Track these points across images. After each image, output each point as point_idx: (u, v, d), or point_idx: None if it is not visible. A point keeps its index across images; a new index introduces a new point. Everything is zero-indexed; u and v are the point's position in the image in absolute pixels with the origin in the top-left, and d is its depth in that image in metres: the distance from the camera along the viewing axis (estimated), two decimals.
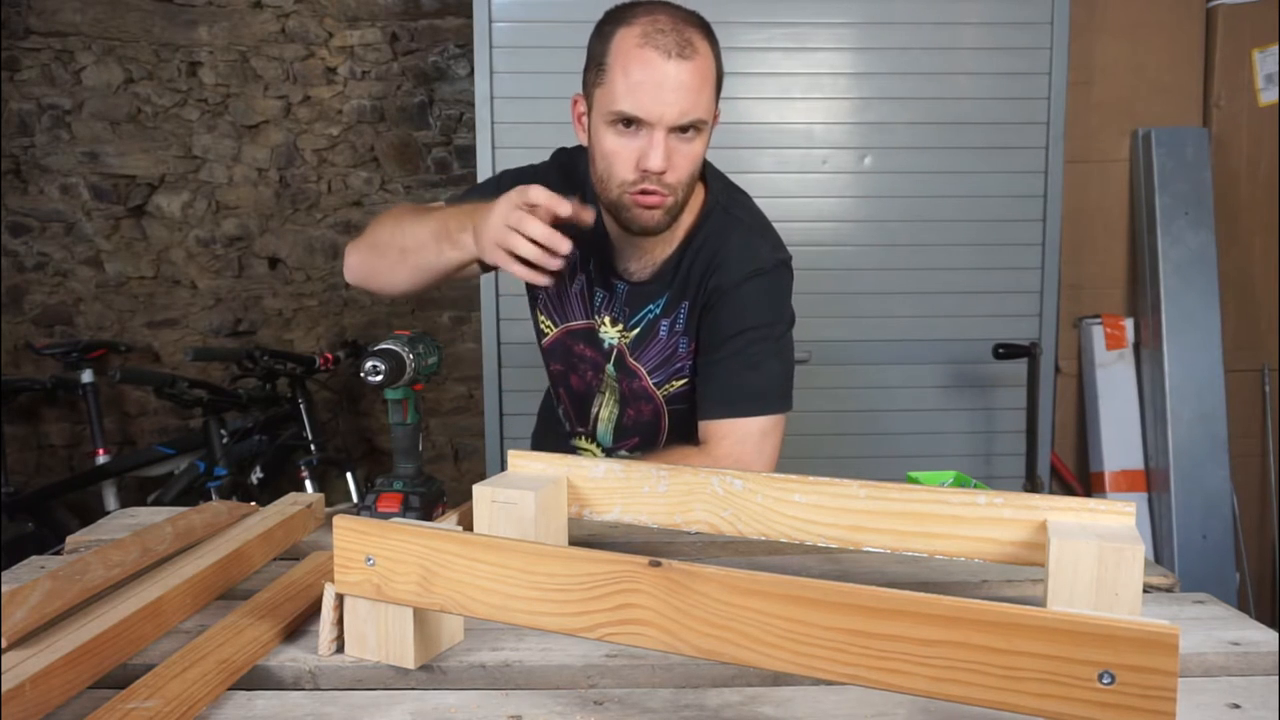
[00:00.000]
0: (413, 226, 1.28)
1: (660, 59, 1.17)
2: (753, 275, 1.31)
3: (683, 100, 1.18)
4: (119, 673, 0.79)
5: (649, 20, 1.19)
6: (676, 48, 1.17)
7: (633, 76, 1.17)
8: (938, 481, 1.15)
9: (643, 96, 1.17)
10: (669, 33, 1.18)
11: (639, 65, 1.17)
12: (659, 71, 1.17)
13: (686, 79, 1.17)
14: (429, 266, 1.26)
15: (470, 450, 3.30)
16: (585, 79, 1.27)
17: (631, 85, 1.17)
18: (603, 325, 1.40)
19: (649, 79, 1.17)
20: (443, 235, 1.23)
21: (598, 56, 1.23)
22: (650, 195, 1.22)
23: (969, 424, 2.59)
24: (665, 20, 1.19)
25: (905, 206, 2.51)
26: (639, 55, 1.17)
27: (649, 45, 1.17)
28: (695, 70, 1.18)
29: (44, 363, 3.11)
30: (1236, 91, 2.85)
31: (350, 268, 1.39)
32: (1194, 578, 2.69)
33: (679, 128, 1.19)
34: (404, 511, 1.14)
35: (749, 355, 1.30)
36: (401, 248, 1.27)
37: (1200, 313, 2.78)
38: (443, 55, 3.12)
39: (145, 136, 3.10)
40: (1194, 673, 0.82)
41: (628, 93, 1.18)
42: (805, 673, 0.64)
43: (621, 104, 1.18)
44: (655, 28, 1.18)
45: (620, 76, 1.18)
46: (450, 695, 0.77)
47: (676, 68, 1.17)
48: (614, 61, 1.19)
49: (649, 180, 1.21)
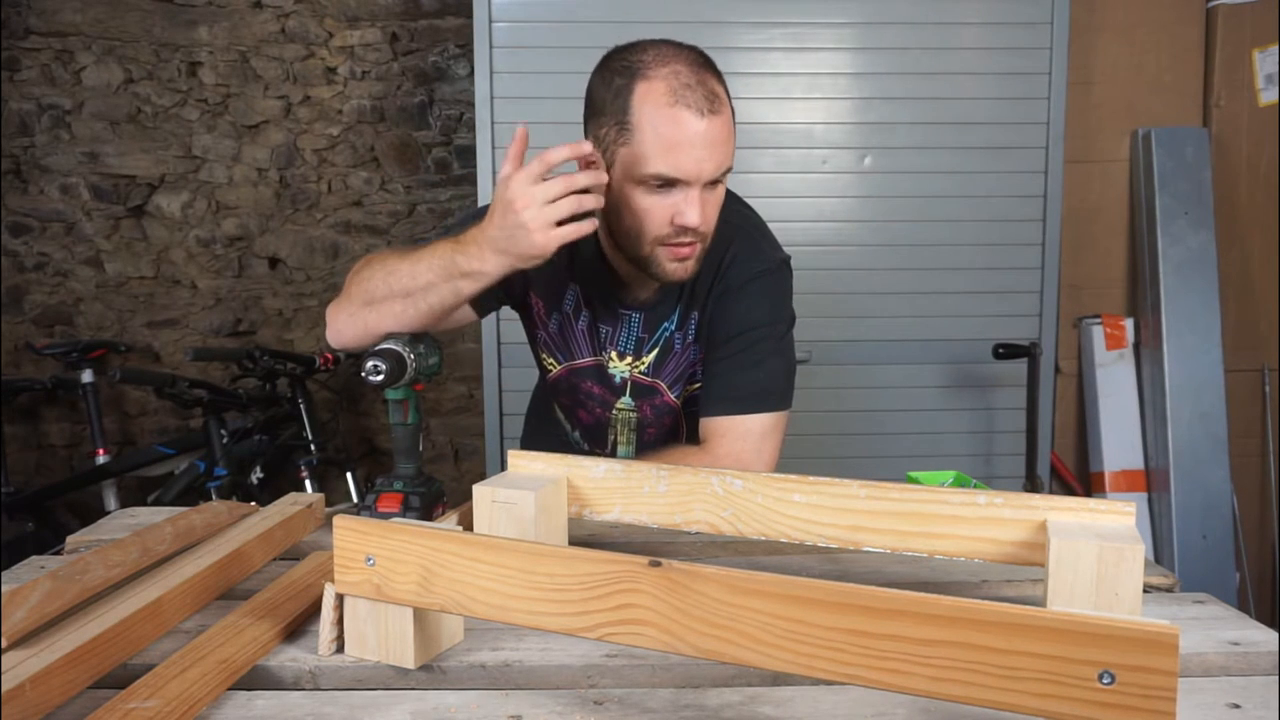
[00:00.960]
0: (409, 269, 1.19)
1: (694, 118, 1.12)
2: (758, 275, 1.31)
3: (717, 156, 1.15)
4: (119, 673, 0.79)
5: (670, 74, 1.14)
6: (707, 104, 1.13)
7: (666, 138, 1.13)
8: (938, 481, 1.15)
9: (680, 158, 1.13)
10: (695, 87, 1.13)
11: (671, 126, 1.12)
12: (693, 131, 1.12)
13: (718, 133, 1.14)
14: (440, 306, 1.19)
15: (470, 450, 3.30)
16: (597, 131, 1.19)
17: (667, 147, 1.13)
18: (611, 360, 1.38)
19: (684, 139, 1.13)
20: (451, 272, 1.16)
21: (616, 112, 1.16)
22: (684, 247, 1.20)
23: (969, 424, 2.59)
24: (687, 73, 1.14)
25: (905, 206, 2.51)
26: (670, 115, 1.13)
27: (680, 104, 1.12)
28: (724, 124, 1.15)
29: (44, 363, 3.11)
30: (1236, 91, 2.85)
31: (339, 331, 1.27)
32: (1194, 578, 2.69)
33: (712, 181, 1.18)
34: (404, 511, 1.14)
35: (751, 354, 1.30)
36: (405, 293, 1.19)
37: (1200, 313, 2.78)
38: (443, 55, 3.12)
39: (145, 136, 3.10)
40: (1194, 673, 0.82)
41: (663, 155, 1.13)
42: (805, 673, 0.64)
43: (657, 167, 1.14)
44: (680, 83, 1.13)
45: (652, 138, 1.14)
46: (450, 695, 0.77)
47: (709, 126, 1.13)
48: (641, 121, 1.14)
49: (685, 234, 1.18)
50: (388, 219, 3.19)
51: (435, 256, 1.18)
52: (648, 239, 1.20)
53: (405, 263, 1.20)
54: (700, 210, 1.17)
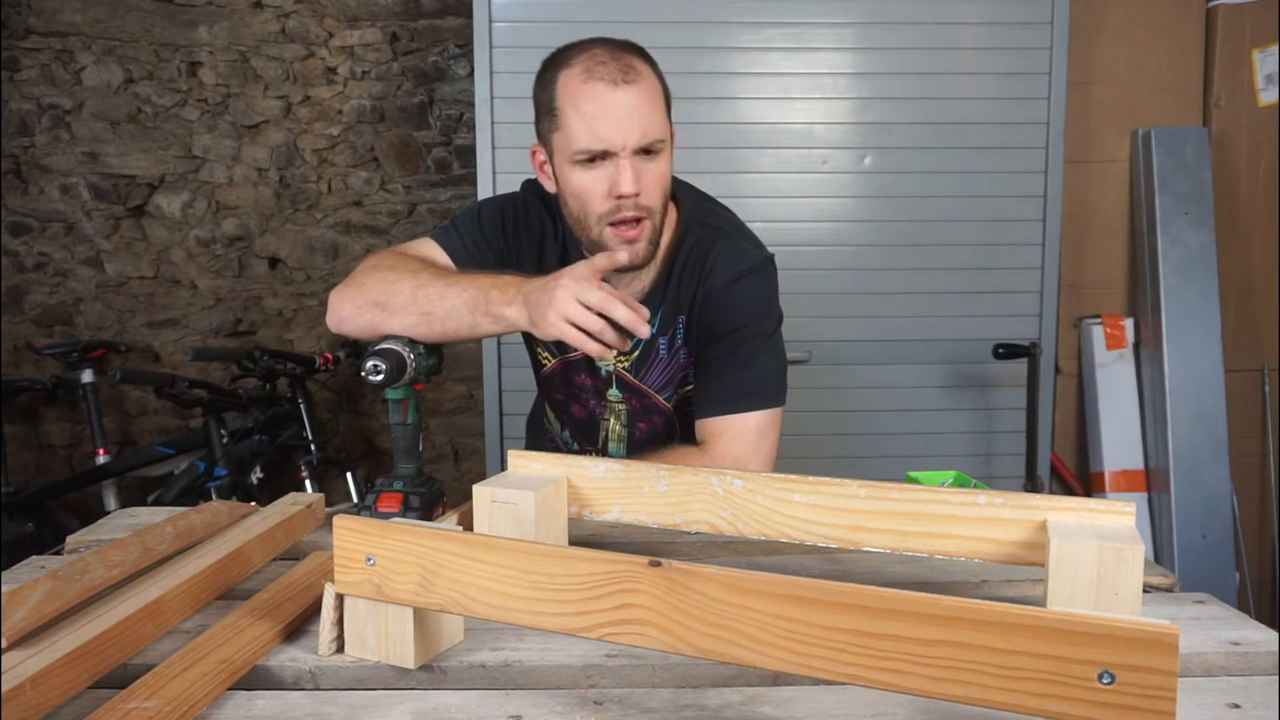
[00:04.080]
0: (440, 291, 1.20)
1: (607, 89, 1.18)
2: (743, 274, 1.32)
3: (640, 122, 1.19)
4: (119, 673, 0.79)
5: (587, 57, 1.21)
6: (620, 74, 1.19)
7: (585, 112, 1.19)
8: (938, 481, 1.15)
9: (600, 127, 1.18)
10: (609, 63, 1.20)
11: (588, 99, 1.19)
12: (609, 101, 1.18)
13: (636, 101, 1.19)
14: (455, 333, 1.20)
15: (470, 450, 3.30)
16: (539, 129, 1.27)
17: (587, 120, 1.19)
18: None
19: (601, 110, 1.18)
20: (478, 307, 1.17)
21: (546, 103, 1.24)
22: (629, 226, 1.22)
23: (969, 424, 2.59)
24: (603, 53, 1.21)
25: (905, 206, 2.51)
26: (586, 90, 1.19)
27: (593, 78, 1.19)
28: (642, 92, 1.20)
29: (44, 363, 3.11)
30: (1236, 91, 2.85)
31: (341, 321, 1.27)
32: (1194, 578, 2.69)
33: (642, 150, 1.20)
34: (404, 511, 1.14)
35: (742, 353, 1.31)
36: (426, 312, 1.19)
37: (1200, 313, 2.78)
38: (443, 55, 3.12)
39: (145, 136, 3.10)
40: (1194, 673, 0.82)
41: (586, 129, 1.19)
42: (805, 673, 0.64)
43: (582, 141, 1.19)
44: (595, 61, 1.20)
45: (574, 115, 1.20)
46: (450, 695, 0.77)
47: (625, 93, 1.18)
48: (563, 103, 1.21)
49: (625, 207, 1.21)
50: (388, 219, 3.19)
51: (472, 287, 1.19)
52: (593, 218, 1.23)
53: (438, 283, 1.21)
54: (634, 178, 1.20)
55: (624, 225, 1.22)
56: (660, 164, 1.24)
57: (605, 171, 1.20)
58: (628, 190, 1.20)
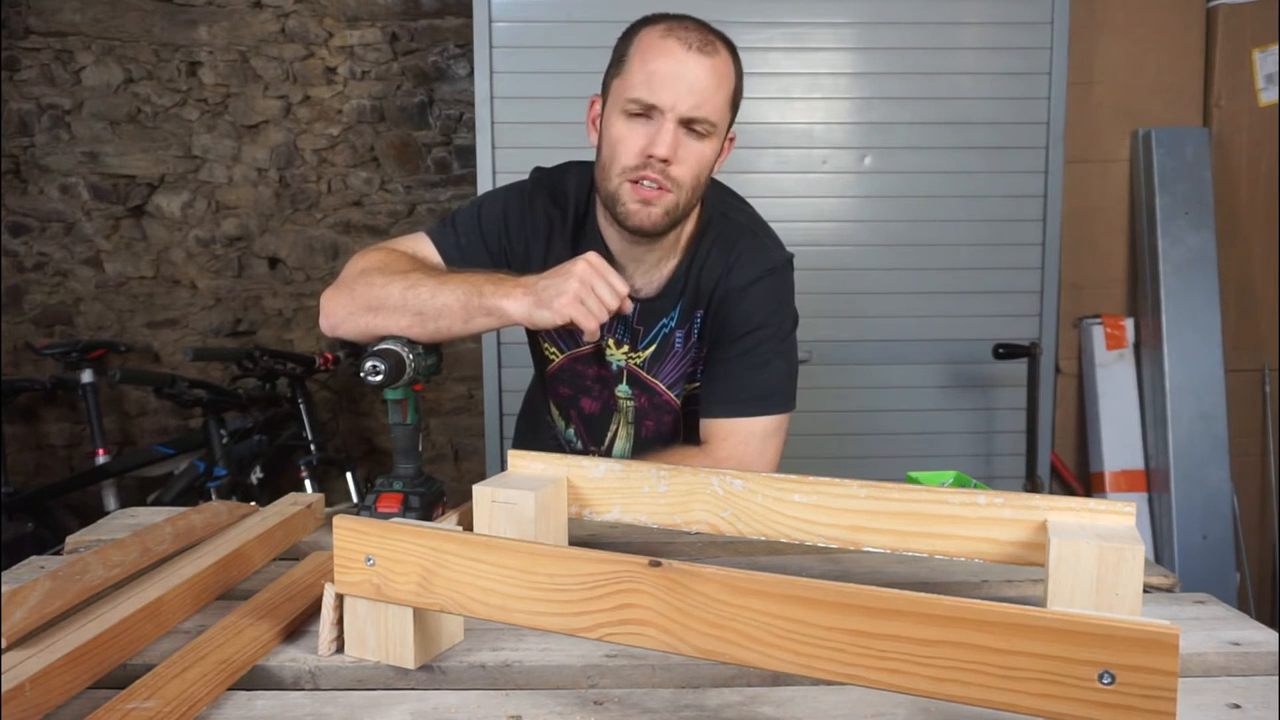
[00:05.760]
0: (432, 290, 1.19)
1: (681, 49, 1.18)
2: (764, 275, 1.30)
3: (697, 93, 1.18)
4: (119, 673, 0.79)
5: (676, 22, 1.22)
6: (699, 43, 1.19)
7: (650, 64, 1.18)
8: (938, 481, 1.15)
9: (657, 84, 1.18)
10: (693, 30, 1.20)
11: (659, 54, 1.18)
12: (677, 61, 1.18)
13: (704, 74, 1.18)
14: (448, 331, 1.19)
15: (470, 450, 3.30)
16: (605, 77, 1.27)
17: (649, 73, 1.18)
18: (608, 348, 1.38)
19: (666, 68, 1.18)
20: (471, 303, 1.16)
21: (619, 52, 1.24)
22: (649, 189, 1.20)
23: (969, 424, 2.59)
24: (691, 23, 1.21)
25: (905, 206, 2.51)
26: (660, 45, 1.19)
27: (671, 36, 1.19)
28: (714, 68, 1.19)
29: (44, 363, 3.11)
30: (1236, 91, 2.85)
31: (334, 325, 1.25)
32: (1194, 578, 2.69)
33: (689, 120, 1.19)
34: (404, 511, 1.14)
35: (757, 355, 1.29)
36: (419, 313, 1.19)
37: (1200, 313, 2.78)
38: (443, 55, 3.12)
39: (145, 136, 3.10)
40: (1194, 673, 0.82)
41: (644, 80, 1.18)
42: (805, 673, 0.64)
43: (637, 90, 1.19)
44: (680, 26, 1.20)
45: (639, 66, 1.20)
46: (450, 695, 0.77)
47: (696, 61, 1.18)
48: (634, 53, 1.21)
49: (651, 168, 1.19)
50: (388, 219, 3.19)
51: (465, 284, 1.18)
52: (617, 169, 1.22)
53: (430, 282, 1.20)
54: (672, 146, 1.19)
55: (644, 185, 1.21)
56: (704, 146, 1.22)
57: (647, 129, 1.20)
58: (660, 152, 1.18)
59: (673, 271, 1.33)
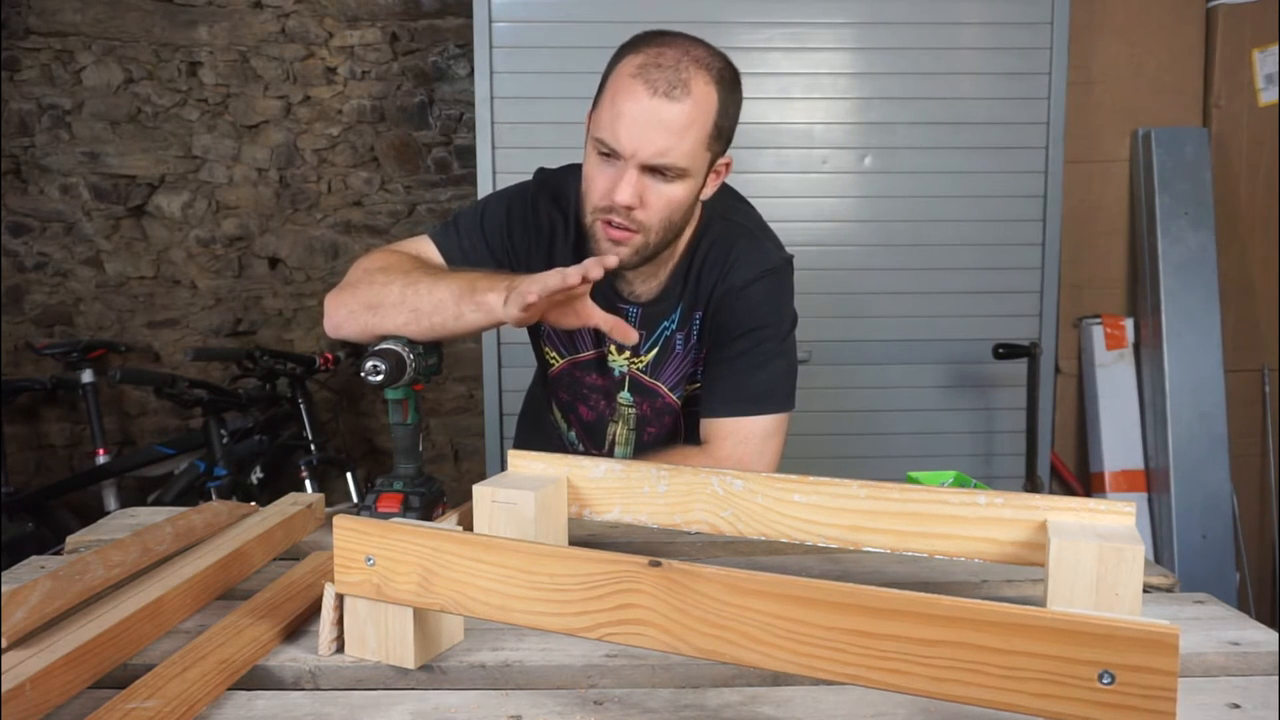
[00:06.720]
0: (429, 286, 1.19)
1: (646, 94, 1.13)
2: (763, 275, 1.30)
3: (659, 140, 1.14)
4: (119, 673, 0.79)
5: (655, 52, 1.16)
6: (666, 85, 1.13)
7: (617, 105, 1.15)
8: (938, 481, 1.15)
9: (621, 129, 1.14)
10: (666, 69, 1.14)
11: (626, 96, 1.15)
12: (642, 107, 1.13)
13: (669, 120, 1.14)
14: (442, 326, 1.18)
15: (470, 450, 3.30)
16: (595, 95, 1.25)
17: (615, 114, 1.15)
18: (610, 353, 1.38)
19: (631, 112, 1.14)
20: (464, 297, 1.16)
21: (603, 78, 1.21)
22: (618, 230, 1.19)
23: (969, 424, 2.59)
24: (669, 55, 1.15)
25: (905, 206, 2.51)
26: (628, 87, 1.15)
27: (640, 78, 1.14)
28: (682, 113, 1.14)
29: (44, 363, 3.11)
30: (1236, 91, 2.85)
31: (337, 325, 1.25)
32: (1194, 578, 2.69)
33: (652, 168, 1.16)
34: (404, 511, 1.14)
35: (756, 355, 1.29)
36: (415, 309, 1.18)
37: (1200, 313, 2.78)
38: (443, 55, 3.12)
39: (145, 136, 3.10)
40: (1194, 673, 0.82)
41: (610, 121, 1.15)
42: (805, 673, 0.64)
43: (603, 131, 1.17)
44: (653, 61, 1.15)
45: (609, 104, 1.16)
46: (450, 695, 0.77)
47: (660, 106, 1.13)
48: (609, 86, 1.18)
49: (617, 212, 1.18)
50: (388, 219, 3.19)
51: (459, 280, 1.18)
52: (590, 206, 1.22)
53: (427, 279, 1.20)
54: (635, 193, 1.16)
55: (613, 227, 1.20)
56: (674, 188, 1.19)
57: (612, 171, 1.18)
58: (622, 200, 1.16)
59: (671, 274, 1.33)
